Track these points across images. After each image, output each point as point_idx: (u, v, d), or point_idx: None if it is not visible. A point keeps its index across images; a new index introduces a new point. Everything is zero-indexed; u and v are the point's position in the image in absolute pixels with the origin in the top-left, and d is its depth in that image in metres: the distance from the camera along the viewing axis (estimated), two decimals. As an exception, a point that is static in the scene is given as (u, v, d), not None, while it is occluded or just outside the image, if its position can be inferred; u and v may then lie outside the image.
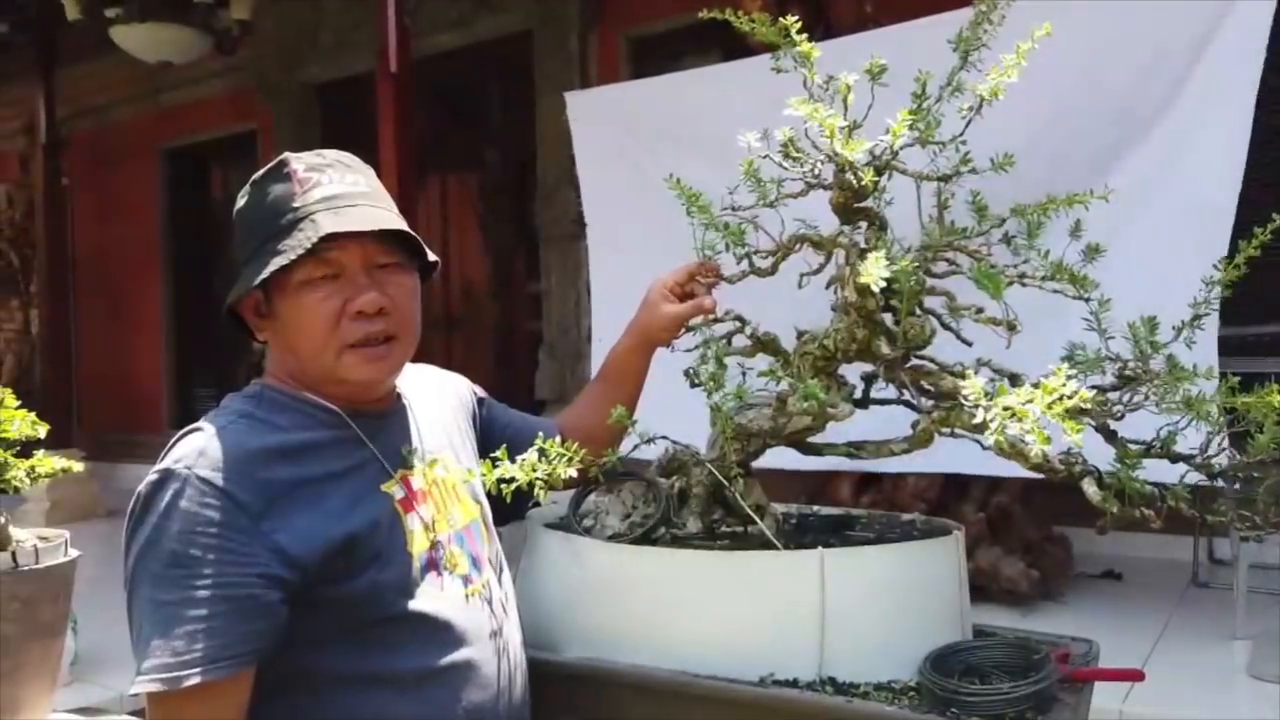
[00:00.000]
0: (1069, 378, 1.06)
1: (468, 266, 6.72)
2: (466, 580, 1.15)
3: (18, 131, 7.74)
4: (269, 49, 6.63)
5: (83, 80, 7.30)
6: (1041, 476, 1.07)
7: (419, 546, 1.11)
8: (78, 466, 1.37)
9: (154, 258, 7.85)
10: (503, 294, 6.62)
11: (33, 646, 1.24)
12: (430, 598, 1.09)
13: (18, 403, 1.34)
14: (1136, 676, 1.21)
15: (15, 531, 1.30)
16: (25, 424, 1.29)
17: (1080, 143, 2.98)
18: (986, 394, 0.91)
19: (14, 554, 1.24)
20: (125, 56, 5.82)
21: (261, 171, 1.16)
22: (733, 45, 3.94)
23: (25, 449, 1.40)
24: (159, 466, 1.03)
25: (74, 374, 7.42)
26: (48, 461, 1.32)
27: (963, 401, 0.93)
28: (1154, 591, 3.60)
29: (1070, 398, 0.81)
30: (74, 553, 1.33)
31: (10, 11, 6.43)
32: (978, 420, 0.90)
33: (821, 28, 3.64)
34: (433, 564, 1.12)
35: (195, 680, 0.94)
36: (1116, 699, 2.51)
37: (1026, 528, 3.55)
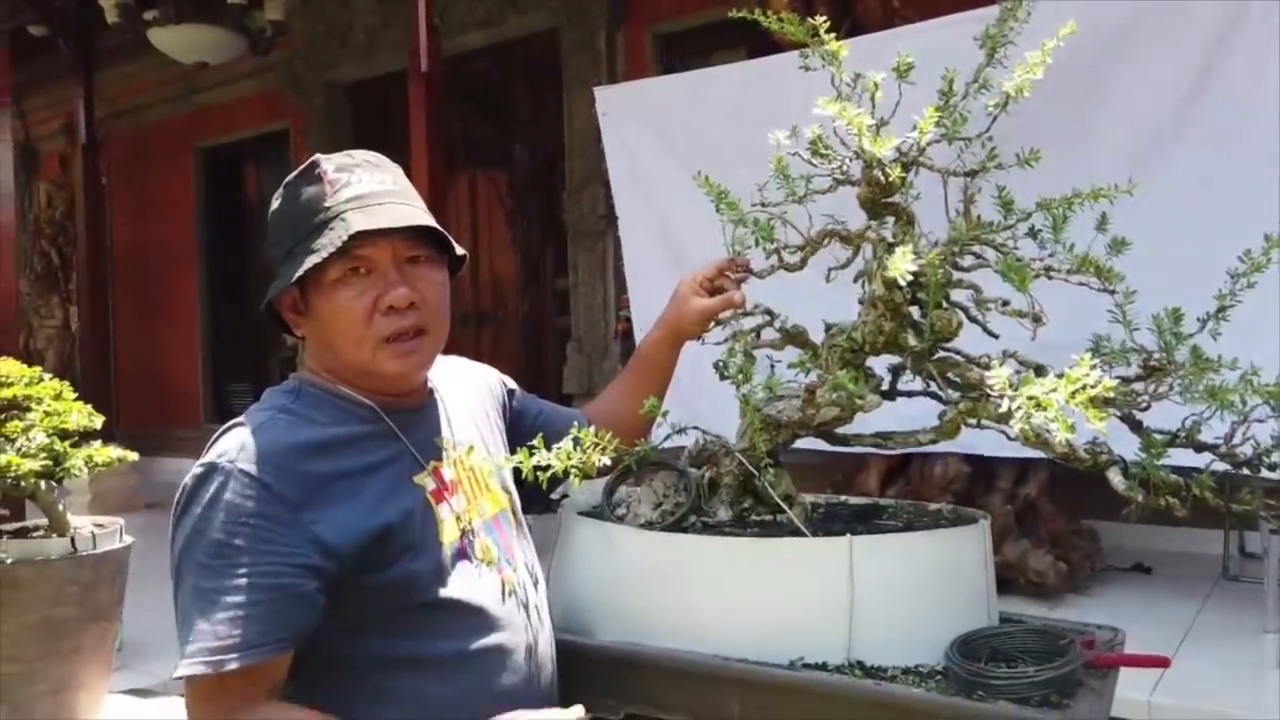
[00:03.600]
0: (1093, 368, 1.09)
1: (496, 262, 6.77)
2: (497, 568, 1.19)
3: (58, 131, 7.91)
4: (301, 49, 6.72)
5: (121, 81, 7.45)
6: (1070, 468, 1.09)
7: (450, 536, 1.15)
8: (132, 456, 1.42)
9: (189, 255, 7.98)
10: (531, 289, 6.67)
11: (91, 628, 1.29)
12: (462, 585, 1.13)
13: (74, 395, 1.39)
14: (1163, 663, 1.22)
15: (72, 519, 1.36)
16: (83, 415, 1.34)
17: (1112, 136, 2.97)
18: (1011, 384, 0.93)
19: (73, 540, 1.29)
20: (162, 58, 5.94)
21: (294, 174, 1.20)
22: (760, 41, 3.95)
23: (77, 441, 1.45)
24: (203, 460, 1.07)
25: (113, 369, 7.56)
26: (104, 451, 1.37)
27: (988, 392, 0.95)
28: (1184, 584, 3.58)
29: (1093, 387, 0.83)
30: (128, 539, 1.38)
31: (51, 15, 6.56)
32: (1003, 410, 0.92)
33: (848, 24, 3.64)
34: (464, 553, 1.15)
35: (235, 664, 0.99)
36: (1145, 690, 2.51)
37: (1054, 520, 3.54)
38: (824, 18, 1.17)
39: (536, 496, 1.33)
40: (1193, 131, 2.90)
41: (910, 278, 1.02)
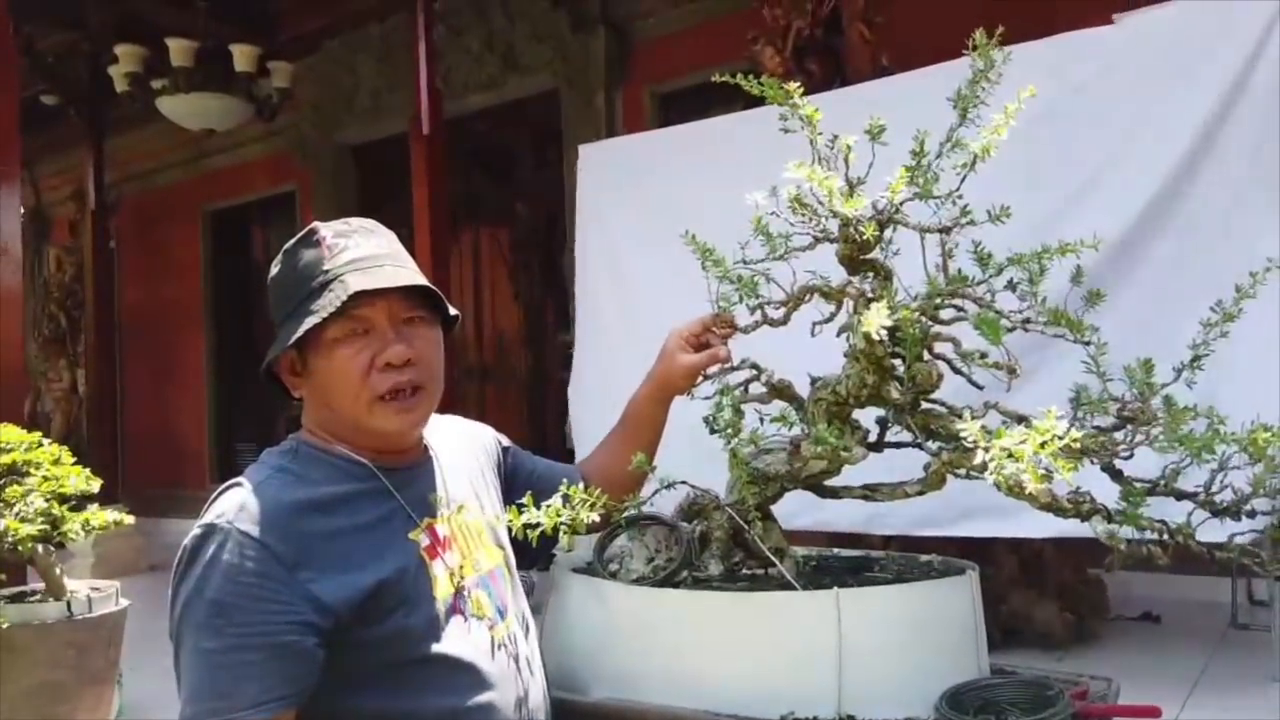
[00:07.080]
0: (1073, 419, 1.11)
1: (499, 317, 6.83)
2: (490, 624, 1.20)
3: (68, 197, 8.04)
4: (307, 113, 6.86)
5: (130, 147, 7.59)
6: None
7: (443, 592, 1.16)
8: (129, 519, 1.44)
9: (197, 316, 8.06)
10: (533, 344, 6.71)
11: (86, 692, 1.30)
12: (455, 641, 1.14)
13: (73, 459, 1.41)
14: (1153, 713, 1.21)
15: (68, 582, 1.37)
16: (81, 479, 1.36)
17: (1093, 187, 3.01)
18: (986, 433, 0.95)
19: (69, 603, 1.30)
20: (170, 124, 6.06)
21: (292, 241, 1.24)
22: (757, 99, 4.01)
23: (76, 504, 1.47)
24: (202, 521, 1.09)
25: (119, 431, 7.59)
26: (101, 515, 1.39)
27: (964, 444, 0.97)
28: (1192, 634, 3.54)
29: (1061, 438, 0.85)
30: (124, 602, 1.40)
31: (62, 85, 6.74)
32: (978, 461, 0.94)
33: (839, 79, 3.70)
34: (457, 608, 1.17)
35: None
36: (1155, 742, 2.47)
37: (1061, 570, 3.51)
38: (810, 71, 1.20)
39: (535, 552, 1.34)
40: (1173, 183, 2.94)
41: (885, 333, 1.05)
